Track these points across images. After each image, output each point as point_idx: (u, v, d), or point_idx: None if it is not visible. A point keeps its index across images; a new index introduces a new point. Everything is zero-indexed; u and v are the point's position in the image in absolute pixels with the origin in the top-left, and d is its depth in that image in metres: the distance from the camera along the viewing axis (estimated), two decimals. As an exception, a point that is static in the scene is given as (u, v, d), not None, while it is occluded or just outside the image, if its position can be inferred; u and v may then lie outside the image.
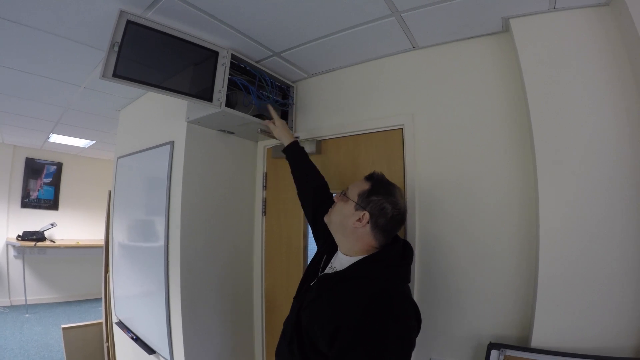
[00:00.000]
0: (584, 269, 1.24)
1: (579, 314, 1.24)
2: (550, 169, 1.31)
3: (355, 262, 1.11)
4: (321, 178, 1.61)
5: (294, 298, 1.26)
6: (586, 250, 1.25)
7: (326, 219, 1.25)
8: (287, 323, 1.22)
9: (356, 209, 1.14)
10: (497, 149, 1.50)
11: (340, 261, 1.17)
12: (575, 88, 1.32)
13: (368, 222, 1.11)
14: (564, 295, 1.26)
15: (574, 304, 1.25)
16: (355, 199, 1.15)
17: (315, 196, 1.54)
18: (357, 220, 1.12)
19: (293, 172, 1.66)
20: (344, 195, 1.20)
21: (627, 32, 1.24)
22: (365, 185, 1.17)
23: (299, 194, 1.62)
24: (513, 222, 1.44)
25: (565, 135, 1.31)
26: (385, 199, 1.13)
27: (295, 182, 1.65)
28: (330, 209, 1.25)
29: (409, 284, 1.12)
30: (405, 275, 1.12)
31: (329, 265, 1.21)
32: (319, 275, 1.19)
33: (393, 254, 1.12)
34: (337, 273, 1.12)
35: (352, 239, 1.15)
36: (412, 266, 1.18)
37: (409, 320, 0.98)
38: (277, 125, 1.76)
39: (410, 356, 0.96)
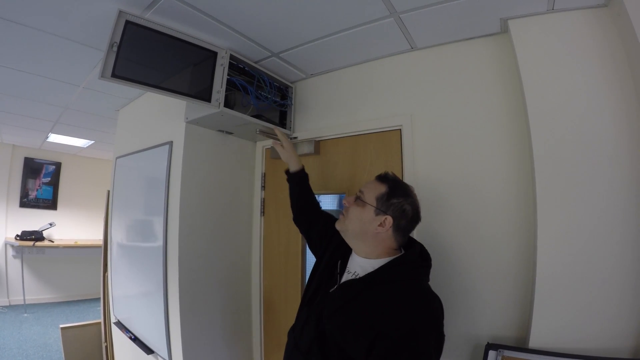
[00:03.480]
0: (582, 269, 1.25)
1: (576, 315, 1.24)
2: (548, 170, 1.32)
3: (383, 266, 1.07)
4: (317, 204, 1.58)
5: (306, 306, 1.20)
6: (584, 251, 1.25)
7: (339, 226, 1.19)
8: (299, 333, 1.16)
9: (377, 214, 1.10)
10: (495, 150, 1.50)
11: (361, 265, 1.13)
12: (574, 89, 1.32)
13: (391, 226, 1.10)
14: (561, 296, 1.26)
15: (571, 305, 1.25)
16: (374, 203, 1.11)
17: (309, 223, 1.52)
18: (379, 225, 1.09)
19: (292, 196, 1.61)
20: (360, 200, 1.14)
21: (625, 33, 1.24)
22: (382, 188, 1.13)
23: (295, 217, 1.59)
24: (510, 222, 1.44)
25: (563, 136, 1.31)
26: (405, 201, 1.11)
27: (293, 205, 1.60)
28: (341, 215, 1.19)
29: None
30: (427, 275, 1.13)
31: (346, 270, 1.17)
32: (341, 281, 1.14)
33: (416, 256, 1.11)
34: (364, 278, 1.07)
35: (373, 244, 1.12)
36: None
37: (442, 317, 1.01)
38: (285, 148, 1.66)
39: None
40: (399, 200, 1.11)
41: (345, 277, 1.15)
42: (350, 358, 0.99)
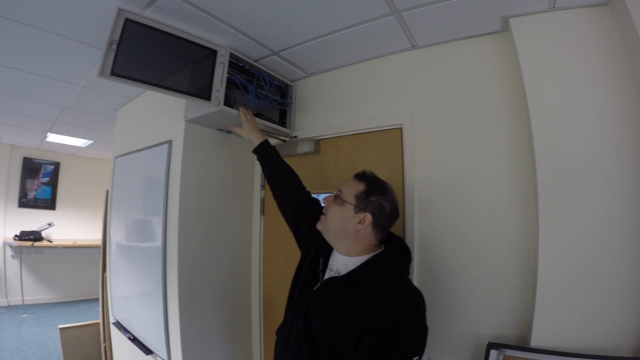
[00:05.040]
0: (584, 268, 1.24)
1: (578, 314, 1.24)
2: (550, 169, 1.31)
3: (364, 263, 1.09)
4: (296, 179, 1.52)
5: (292, 305, 1.21)
6: (586, 250, 1.24)
7: (320, 226, 1.20)
8: (288, 332, 1.17)
9: (356, 212, 1.13)
10: (496, 149, 1.50)
11: (343, 263, 1.15)
12: (575, 87, 1.32)
13: (370, 224, 1.11)
14: (563, 295, 1.26)
15: (573, 304, 1.25)
16: (353, 201, 1.13)
17: (293, 201, 1.45)
18: (359, 223, 1.11)
19: (266, 174, 1.57)
20: (339, 198, 1.16)
21: (626, 31, 1.24)
22: (360, 186, 1.15)
23: (275, 197, 1.52)
24: (513, 221, 1.43)
25: (565, 135, 1.31)
26: (383, 198, 1.13)
27: (269, 184, 1.55)
28: (322, 216, 1.20)
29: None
30: (407, 269, 1.14)
31: (328, 268, 1.18)
32: (324, 279, 1.15)
33: (396, 251, 1.13)
34: (347, 275, 1.08)
35: (353, 241, 1.14)
36: (411, 266, 1.18)
37: (424, 310, 1.06)
38: (243, 127, 1.64)
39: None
40: (377, 197, 1.13)
41: (328, 274, 1.16)
42: (339, 355, 1.01)
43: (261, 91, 1.83)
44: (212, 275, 1.96)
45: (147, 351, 2.02)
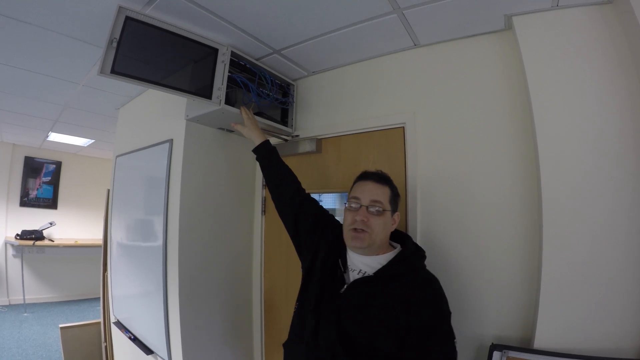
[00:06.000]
0: (587, 268, 1.23)
1: (582, 315, 1.23)
2: (554, 169, 1.30)
3: (392, 261, 1.11)
4: (295, 180, 1.49)
5: (312, 311, 1.14)
6: (590, 251, 1.23)
7: (364, 243, 1.11)
8: (312, 341, 1.10)
9: (392, 215, 1.18)
10: (500, 148, 1.49)
11: (364, 263, 1.14)
12: (579, 86, 1.31)
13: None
14: (567, 296, 1.25)
15: (577, 305, 1.24)
16: (389, 207, 1.16)
17: (292, 202, 1.41)
18: (393, 224, 1.19)
19: (265, 174, 1.55)
20: (379, 210, 1.12)
21: (630, 30, 1.23)
22: (387, 190, 1.18)
23: (273, 198, 1.49)
24: (516, 221, 1.42)
25: (568, 134, 1.29)
26: (398, 194, 1.23)
27: (267, 184, 1.52)
28: (363, 233, 1.11)
29: None
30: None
31: (350, 269, 1.16)
32: (350, 280, 1.12)
33: (415, 247, 1.20)
34: (378, 275, 1.09)
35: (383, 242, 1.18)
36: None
37: None
38: (245, 125, 1.63)
39: None
40: (398, 196, 1.23)
41: (352, 275, 1.14)
42: (380, 355, 1.02)
43: (262, 90, 1.82)
44: (212, 275, 1.95)
45: (148, 351, 2.02)
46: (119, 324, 2.39)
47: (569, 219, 1.27)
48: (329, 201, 1.97)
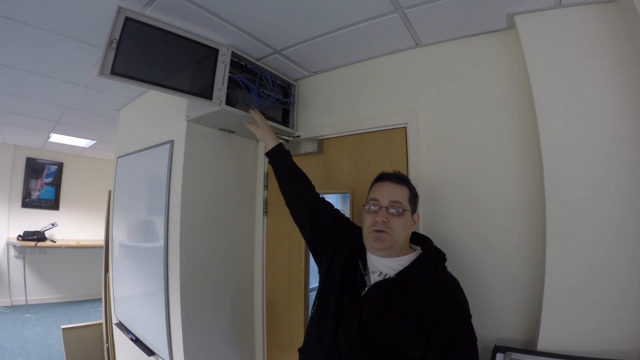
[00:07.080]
0: (592, 270, 1.22)
1: (586, 317, 1.22)
2: (557, 169, 1.28)
3: (414, 263, 1.11)
4: (310, 183, 1.48)
5: (332, 314, 1.13)
6: (594, 252, 1.22)
7: (386, 245, 1.11)
8: (332, 345, 1.09)
9: (412, 215, 1.18)
10: (502, 148, 1.47)
11: (385, 265, 1.13)
12: (582, 86, 1.29)
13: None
14: (571, 298, 1.23)
15: (581, 307, 1.22)
16: (409, 207, 1.16)
17: (309, 211, 1.39)
18: (413, 225, 1.19)
19: (279, 178, 1.52)
20: (399, 211, 1.12)
21: (634, 28, 1.22)
22: (405, 190, 1.18)
23: (288, 201, 1.47)
24: (519, 222, 1.41)
25: (572, 134, 1.28)
26: (417, 195, 1.23)
27: (281, 188, 1.50)
28: (384, 234, 1.11)
29: None
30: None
31: (370, 271, 1.15)
32: (372, 283, 1.12)
33: (436, 249, 1.20)
34: (401, 277, 1.08)
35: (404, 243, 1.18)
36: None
37: None
38: (260, 126, 1.63)
39: None
40: (417, 195, 1.23)
41: (373, 278, 1.13)
42: (404, 356, 1.02)
43: (263, 90, 1.81)
44: (214, 276, 1.95)
45: (150, 352, 2.01)
46: (120, 325, 2.39)
47: (573, 220, 1.25)
48: (330, 202, 1.95)
